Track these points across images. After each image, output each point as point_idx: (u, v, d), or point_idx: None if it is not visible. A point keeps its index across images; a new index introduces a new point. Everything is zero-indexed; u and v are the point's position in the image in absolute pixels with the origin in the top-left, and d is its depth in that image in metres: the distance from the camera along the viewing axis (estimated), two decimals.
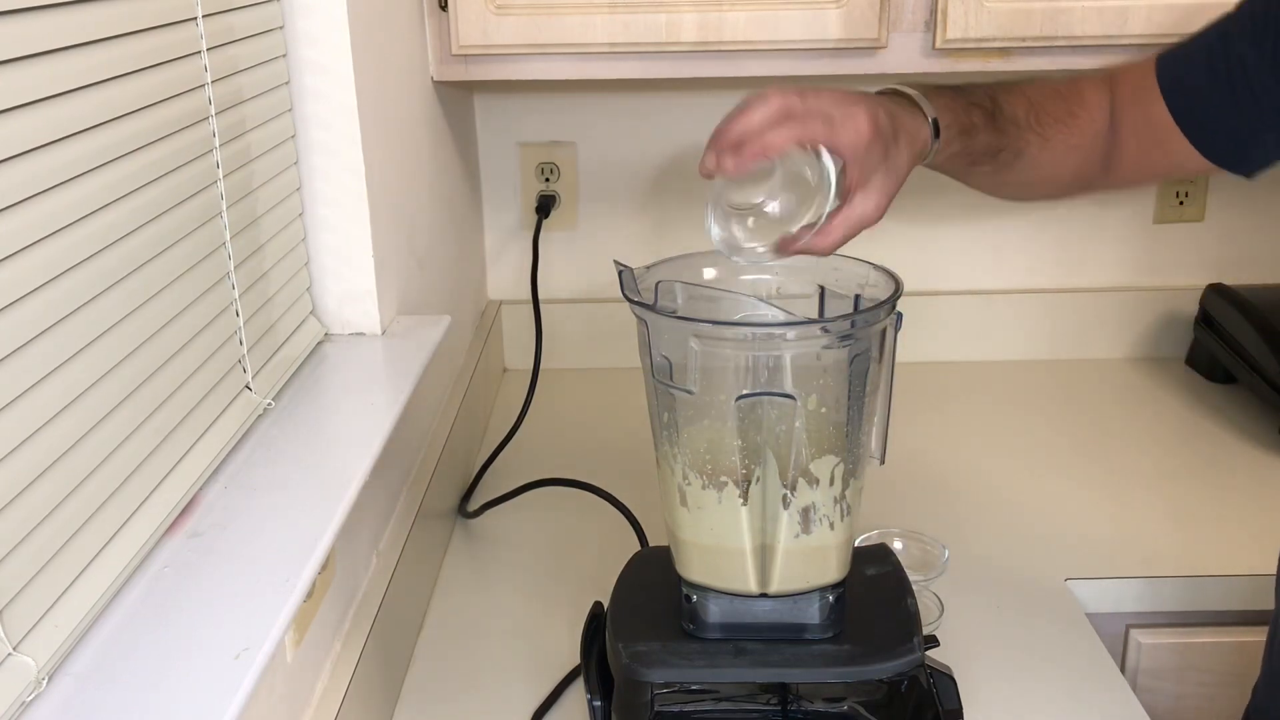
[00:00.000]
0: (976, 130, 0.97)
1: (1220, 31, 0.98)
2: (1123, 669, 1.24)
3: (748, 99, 0.87)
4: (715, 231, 0.88)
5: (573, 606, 1.19)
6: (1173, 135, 1.00)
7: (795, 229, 0.86)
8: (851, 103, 0.86)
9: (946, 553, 1.18)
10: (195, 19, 0.84)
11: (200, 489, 0.83)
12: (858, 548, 0.94)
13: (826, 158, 0.84)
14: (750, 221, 0.87)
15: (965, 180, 1.06)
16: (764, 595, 0.89)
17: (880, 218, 0.88)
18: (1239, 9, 0.97)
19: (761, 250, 0.87)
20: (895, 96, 0.95)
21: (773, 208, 0.86)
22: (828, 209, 0.85)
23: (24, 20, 0.63)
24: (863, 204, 0.87)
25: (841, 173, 0.85)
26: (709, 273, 0.94)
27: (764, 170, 0.86)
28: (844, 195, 0.87)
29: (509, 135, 1.73)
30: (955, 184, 1.75)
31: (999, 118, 1.00)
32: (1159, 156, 1.02)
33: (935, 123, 0.94)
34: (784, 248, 0.87)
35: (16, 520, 0.62)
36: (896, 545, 1.20)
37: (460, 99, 1.60)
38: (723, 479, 0.86)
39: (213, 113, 0.87)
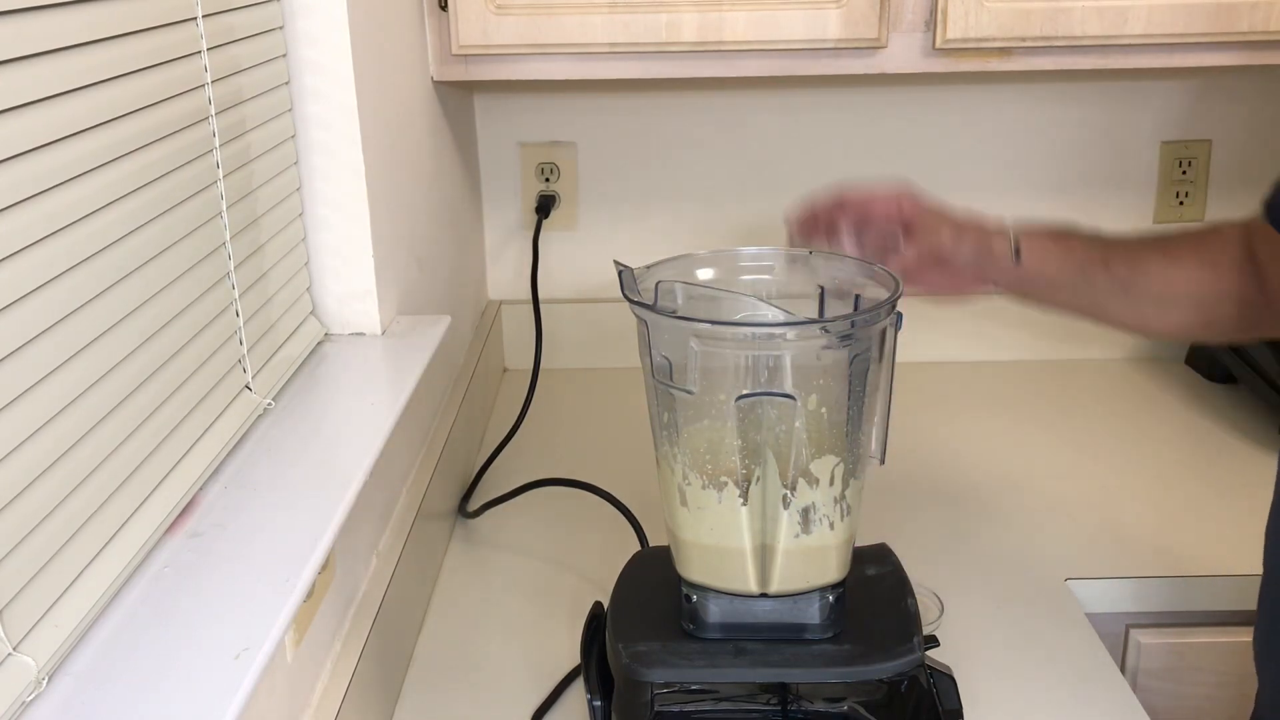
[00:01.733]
0: (1073, 250, 1.08)
1: None
2: (1123, 669, 1.24)
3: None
4: None
5: (573, 606, 1.19)
6: None
7: None
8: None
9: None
10: (195, 19, 0.84)
11: (200, 489, 0.83)
12: (858, 548, 0.94)
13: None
14: None
15: (1100, 315, 1.11)
16: (764, 595, 0.89)
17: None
18: None
19: None
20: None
21: None
22: None
23: (24, 20, 0.63)
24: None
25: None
26: (709, 273, 0.94)
27: None
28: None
29: (509, 135, 1.73)
30: (954, 183, 1.76)
31: (1112, 249, 1.08)
32: None
33: (1016, 246, 1.08)
34: None
35: (16, 520, 0.62)
36: None
37: (460, 99, 1.60)
38: (723, 479, 0.86)
39: (213, 113, 0.87)
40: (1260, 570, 1.02)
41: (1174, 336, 1.08)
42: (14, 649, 0.62)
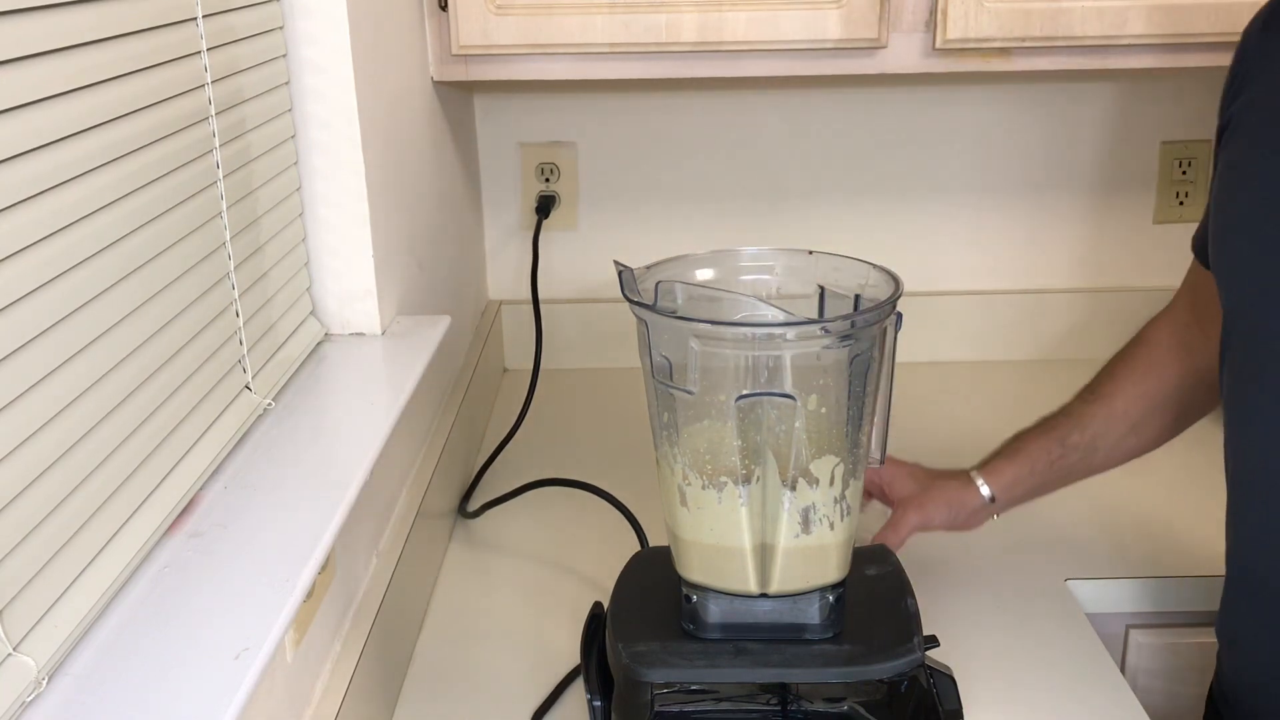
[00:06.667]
0: (1034, 459, 1.14)
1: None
2: (1123, 669, 1.24)
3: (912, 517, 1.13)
4: None
5: (573, 606, 1.19)
6: None
7: None
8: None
9: None
10: (195, 19, 0.84)
11: (200, 489, 0.83)
12: (858, 548, 0.94)
13: None
14: None
15: (1090, 474, 1.17)
16: (764, 595, 0.89)
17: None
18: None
19: None
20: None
21: None
22: None
23: (24, 20, 0.63)
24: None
25: None
26: (709, 273, 0.94)
27: None
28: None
29: (509, 135, 1.73)
30: (955, 183, 1.76)
31: (1059, 427, 1.14)
32: None
33: (992, 498, 1.14)
34: None
35: (17, 520, 0.62)
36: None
37: (460, 99, 1.60)
38: (723, 479, 0.86)
39: (213, 113, 0.87)
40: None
41: (1163, 441, 1.16)
42: (14, 649, 0.62)
